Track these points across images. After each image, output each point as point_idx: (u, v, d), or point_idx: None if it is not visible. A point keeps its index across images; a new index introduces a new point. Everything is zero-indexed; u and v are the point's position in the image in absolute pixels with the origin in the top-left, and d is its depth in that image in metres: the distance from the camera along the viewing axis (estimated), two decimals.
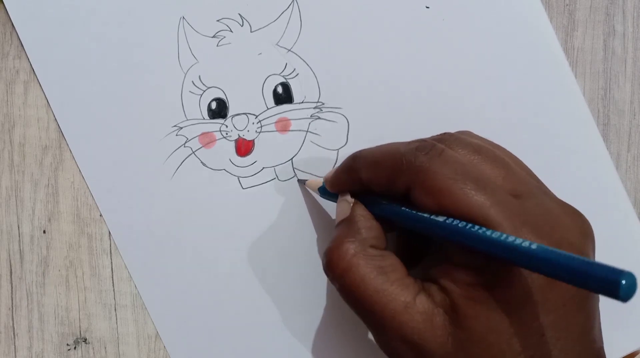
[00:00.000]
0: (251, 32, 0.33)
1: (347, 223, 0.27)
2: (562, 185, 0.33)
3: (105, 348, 0.34)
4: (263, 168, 0.33)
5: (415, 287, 0.24)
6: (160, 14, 0.33)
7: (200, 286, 0.33)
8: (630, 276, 0.18)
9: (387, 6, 0.33)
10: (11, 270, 0.34)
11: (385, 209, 0.26)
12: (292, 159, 0.33)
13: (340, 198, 0.28)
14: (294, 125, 0.33)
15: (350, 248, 0.25)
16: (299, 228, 0.33)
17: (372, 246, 0.26)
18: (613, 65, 0.34)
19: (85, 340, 0.34)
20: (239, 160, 0.33)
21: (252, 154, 0.33)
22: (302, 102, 0.33)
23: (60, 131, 0.34)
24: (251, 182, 0.33)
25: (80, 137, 0.33)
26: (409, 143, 0.26)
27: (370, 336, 0.33)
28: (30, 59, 0.33)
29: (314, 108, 0.33)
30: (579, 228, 0.24)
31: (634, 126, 0.34)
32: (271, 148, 0.33)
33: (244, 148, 0.33)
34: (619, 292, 0.18)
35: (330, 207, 0.33)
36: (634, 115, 0.34)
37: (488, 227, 0.22)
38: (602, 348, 0.24)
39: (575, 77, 0.33)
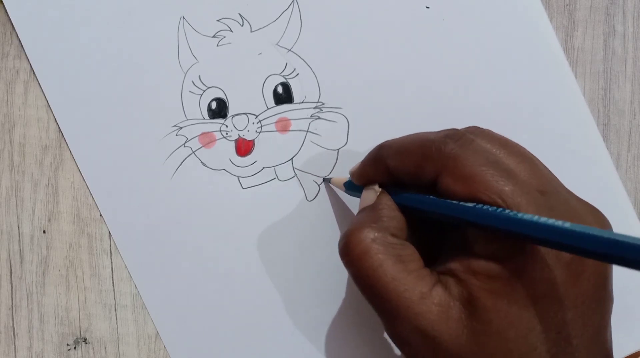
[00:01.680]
0: (251, 32, 0.33)
1: (370, 210, 0.27)
2: None
3: (105, 348, 0.34)
4: (263, 168, 0.33)
5: (432, 279, 0.24)
6: (160, 14, 0.33)
7: (200, 286, 0.33)
8: None
9: (387, 6, 0.33)
10: (11, 270, 0.34)
11: (413, 198, 0.26)
12: (292, 159, 0.33)
13: (366, 187, 0.28)
14: (294, 125, 0.33)
15: (370, 233, 0.25)
16: (299, 228, 0.33)
17: (393, 235, 0.25)
18: (613, 65, 0.34)
19: (85, 340, 0.34)
20: (239, 160, 0.33)
21: (252, 154, 0.33)
22: (302, 102, 0.33)
23: (61, 131, 0.34)
24: (251, 182, 0.33)
25: (80, 137, 0.33)
26: (438, 132, 0.26)
27: (369, 335, 0.33)
28: (29, 59, 0.33)
29: (314, 108, 0.33)
30: (600, 225, 0.24)
31: (634, 126, 0.34)
32: (271, 147, 0.33)
33: (244, 147, 0.33)
34: None
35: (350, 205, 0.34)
36: (634, 115, 0.34)
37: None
38: (611, 348, 0.24)
39: (575, 77, 0.33)
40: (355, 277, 0.25)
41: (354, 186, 0.30)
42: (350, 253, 0.25)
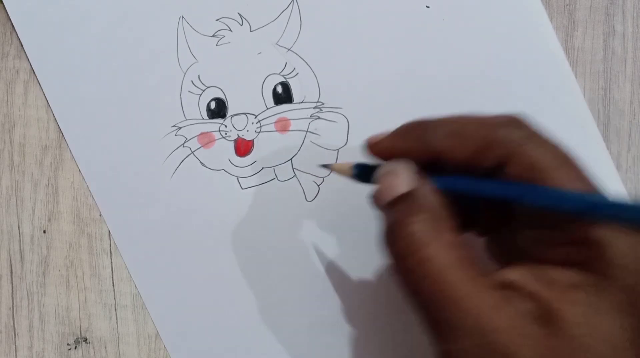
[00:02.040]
0: (251, 31, 0.33)
1: (411, 200, 0.22)
2: None
3: (105, 347, 0.34)
4: (262, 168, 0.33)
5: (500, 289, 0.21)
6: (160, 13, 0.33)
7: (200, 286, 0.33)
8: None
9: (387, 6, 0.33)
10: (12, 270, 0.34)
11: (465, 183, 0.23)
12: (291, 159, 0.33)
13: (390, 168, 0.23)
14: (293, 125, 0.33)
15: (425, 232, 0.21)
16: (298, 228, 0.33)
17: (449, 231, 0.22)
18: (613, 65, 0.34)
19: (85, 340, 0.34)
20: (238, 160, 0.33)
21: (251, 154, 0.33)
22: (301, 102, 0.33)
23: (60, 131, 0.34)
24: (250, 182, 0.33)
25: (79, 137, 0.33)
26: (496, 116, 0.23)
27: (369, 335, 0.33)
28: (29, 59, 0.33)
29: (314, 108, 0.33)
30: None
31: (634, 126, 0.34)
32: (270, 148, 0.33)
33: (243, 148, 0.33)
34: None
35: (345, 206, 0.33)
36: (634, 115, 0.34)
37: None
38: None
39: (575, 77, 0.33)
40: (410, 284, 0.21)
41: (366, 170, 0.25)
42: (403, 260, 0.21)
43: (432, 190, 0.22)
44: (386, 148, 0.24)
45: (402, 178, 0.23)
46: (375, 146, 0.25)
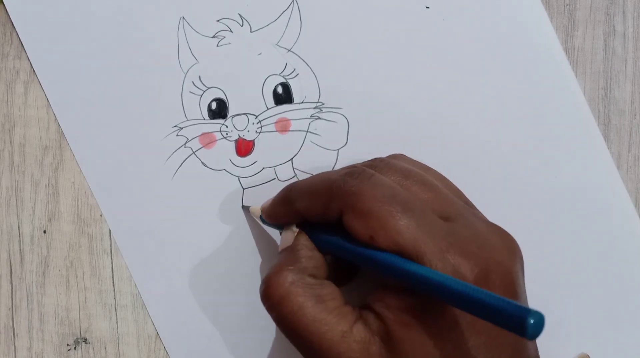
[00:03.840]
0: (251, 32, 0.33)
1: (289, 252, 0.27)
2: (563, 185, 0.33)
3: (105, 348, 0.34)
4: (263, 168, 0.33)
5: (353, 316, 0.24)
6: (160, 14, 0.33)
7: (200, 287, 0.33)
8: (538, 316, 0.18)
9: (387, 6, 0.33)
10: (11, 270, 0.34)
11: (323, 242, 0.27)
12: (292, 159, 0.34)
13: (285, 228, 0.28)
14: (294, 125, 0.33)
15: (289, 276, 0.25)
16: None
17: (312, 275, 0.26)
18: (613, 65, 0.34)
19: (85, 340, 0.34)
20: (239, 160, 0.33)
21: (252, 155, 0.33)
22: (302, 103, 0.33)
23: (61, 131, 0.34)
24: (251, 182, 0.33)
25: (80, 137, 0.33)
26: (340, 169, 0.27)
27: None
28: (30, 59, 0.33)
29: (314, 108, 0.33)
30: (507, 246, 0.25)
31: (635, 125, 0.34)
32: (271, 148, 0.33)
33: (244, 148, 0.33)
34: (526, 331, 0.18)
35: None
36: (635, 115, 0.34)
37: (415, 250, 0.23)
38: None
39: (576, 77, 0.33)
40: (278, 321, 0.25)
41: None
42: (270, 297, 0.25)
43: (306, 245, 0.27)
44: (271, 215, 0.29)
45: (288, 235, 0.28)
46: (264, 213, 0.30)
